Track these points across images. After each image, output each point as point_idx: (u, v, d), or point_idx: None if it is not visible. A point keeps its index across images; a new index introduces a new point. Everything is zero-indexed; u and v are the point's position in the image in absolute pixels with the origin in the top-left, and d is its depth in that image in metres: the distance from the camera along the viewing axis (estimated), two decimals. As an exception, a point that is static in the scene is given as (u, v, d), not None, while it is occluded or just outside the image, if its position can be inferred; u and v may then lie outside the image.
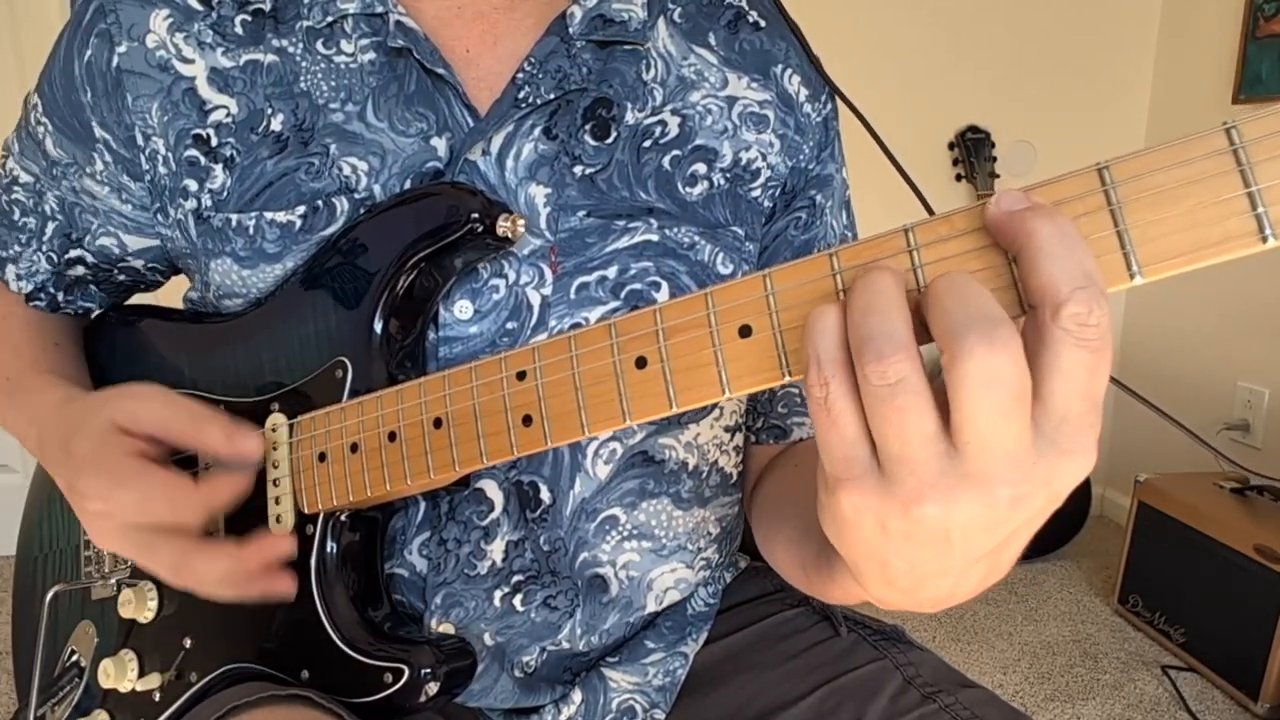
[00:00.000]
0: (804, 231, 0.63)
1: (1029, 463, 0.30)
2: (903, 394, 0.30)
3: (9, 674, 1.75)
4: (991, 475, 0.30)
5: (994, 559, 0.34)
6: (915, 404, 0.30)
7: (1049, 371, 0.29)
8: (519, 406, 0.42)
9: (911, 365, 0.30)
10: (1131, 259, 0.30)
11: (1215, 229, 0.29)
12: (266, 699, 0.49)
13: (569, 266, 0.54)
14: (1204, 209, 0.29)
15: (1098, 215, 0.31)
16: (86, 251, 0.62)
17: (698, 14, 0.61)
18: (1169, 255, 0.30)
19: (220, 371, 0.58)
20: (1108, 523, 2.41)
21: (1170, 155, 0.30)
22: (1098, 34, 2.24)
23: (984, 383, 0.28)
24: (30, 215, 0.62)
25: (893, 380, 0.30)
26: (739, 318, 0.36)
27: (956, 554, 0.33)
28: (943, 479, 0.30)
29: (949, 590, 0.36)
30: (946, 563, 0.33)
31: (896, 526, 0.32)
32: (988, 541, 0.32)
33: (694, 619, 0.65)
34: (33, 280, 0.64)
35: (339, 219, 0.53)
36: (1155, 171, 0.30)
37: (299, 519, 0.52)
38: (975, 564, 0.34)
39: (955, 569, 0.34)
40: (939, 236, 0.33)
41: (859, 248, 0.34)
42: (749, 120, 0.60)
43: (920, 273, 0.33)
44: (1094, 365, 0.29)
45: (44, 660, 0.64)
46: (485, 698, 0.58)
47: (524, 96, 0.54)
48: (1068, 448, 0.30)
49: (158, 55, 0.54)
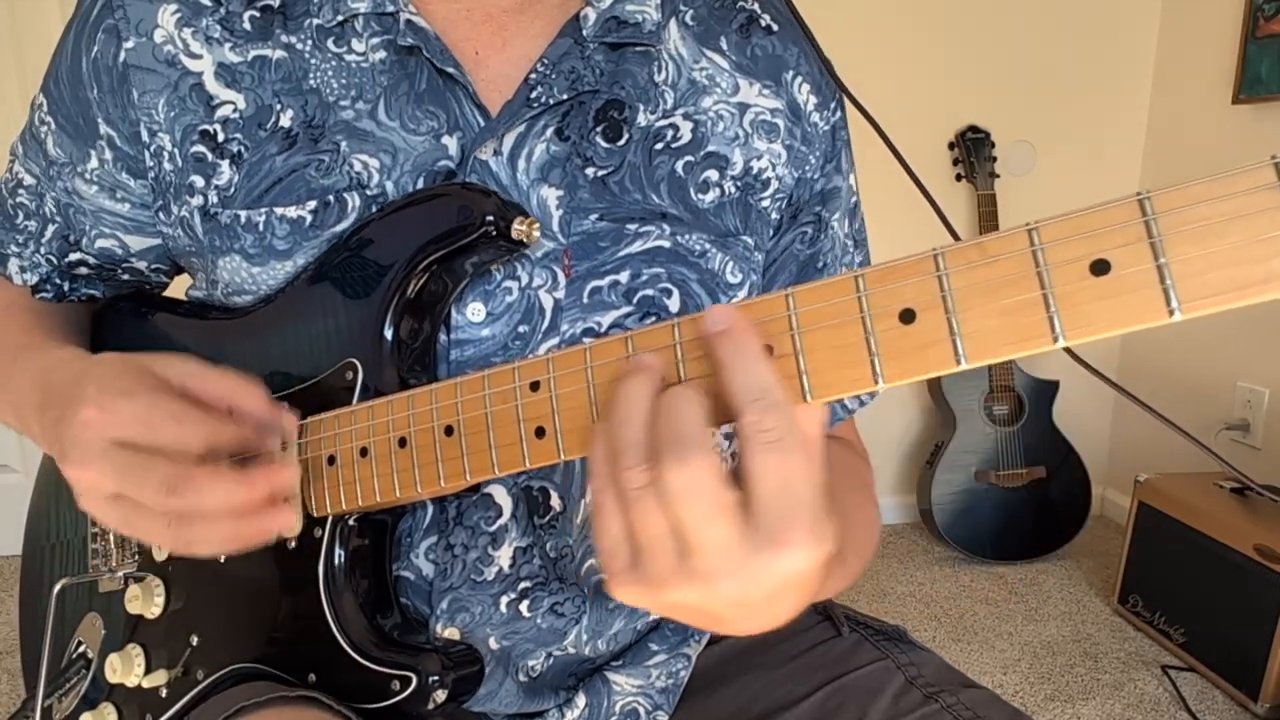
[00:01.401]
0: (809, 246, 0.63)
1: (741, 557, 0.34)
2: (648, 497, 0.34)
3: (10, 674, 1.75)
4: (711, 570, 0.34)
5: (770, 610, 0.38)
6: (657, 505, 0.34)
7: (747, 473, 0.34)
8: (532, 418, 0.41)
9: (649, 475, 0.34)
10: (1171, 295, 0.29)
11: (1260, 268, 0.28)
12: (275, 699, 0.49)
13: (581, 270, 0.54)
14: (1249, 246, 0.28)
15: (1137, 247, 0.29)
16: (86, 254, 0.62)
17: (709, 17, 0.60)
18: (1210, 293, 0.28)
19: (229, 367, 0.57)
20: (1108, 523, 2.41)
21: (1215, 189, 0.28)
22: (1098, 34, 2.24)
23: (680, 496, 0.33)
24: (32, 219, 0.62)
25: (639, 484, 0.34)
26: (761, 336, 0.35)
27: (725, 617, 0.37)
28: (677, 573, 0.35)
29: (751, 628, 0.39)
30: (722, 625, 0.38)
31: (656, 604, 0.37)
32: (743, 610, 0.36)
33: (696, 620, 0.66)
34: (36, 272, 0.64)
35: (350, 215, 0.53)
36: (1198, 204, 0.29)
37: (307, 521, 0.52)
38: (752, 617, 0.38)
39: (736, 624, 0.38)
40: (969, 262, 0.32)
41: (885, 271, 0.34)
42: (760, 128, 0.59)
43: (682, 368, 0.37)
44: (781, 464, 0.33)
45: (51, 651, 0.64)
46: (490, 702, 0.58)
47: (537, 96, 0.54)
48: (780, 539, 0.33)
49: (165, 50, 0.54)
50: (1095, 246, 0.30)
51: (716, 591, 0.34)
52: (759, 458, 0.33)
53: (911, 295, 0.33)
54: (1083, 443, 2.17)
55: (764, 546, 0.34)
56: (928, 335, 0.33)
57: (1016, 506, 2.15)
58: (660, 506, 0.34)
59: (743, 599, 0.35)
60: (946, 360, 0.33)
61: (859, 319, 0.34)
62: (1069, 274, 0.31)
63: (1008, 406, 2.15)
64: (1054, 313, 0.31)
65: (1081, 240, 0.30)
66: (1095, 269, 0.30)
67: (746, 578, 0.34)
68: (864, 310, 0.34)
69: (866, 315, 0.34)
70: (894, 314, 0.33)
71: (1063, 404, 2.16)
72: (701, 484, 0.33)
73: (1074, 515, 2.16)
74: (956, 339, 0.32)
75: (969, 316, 0.32)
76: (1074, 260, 0.30)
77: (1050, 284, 0.31)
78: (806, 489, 0.34)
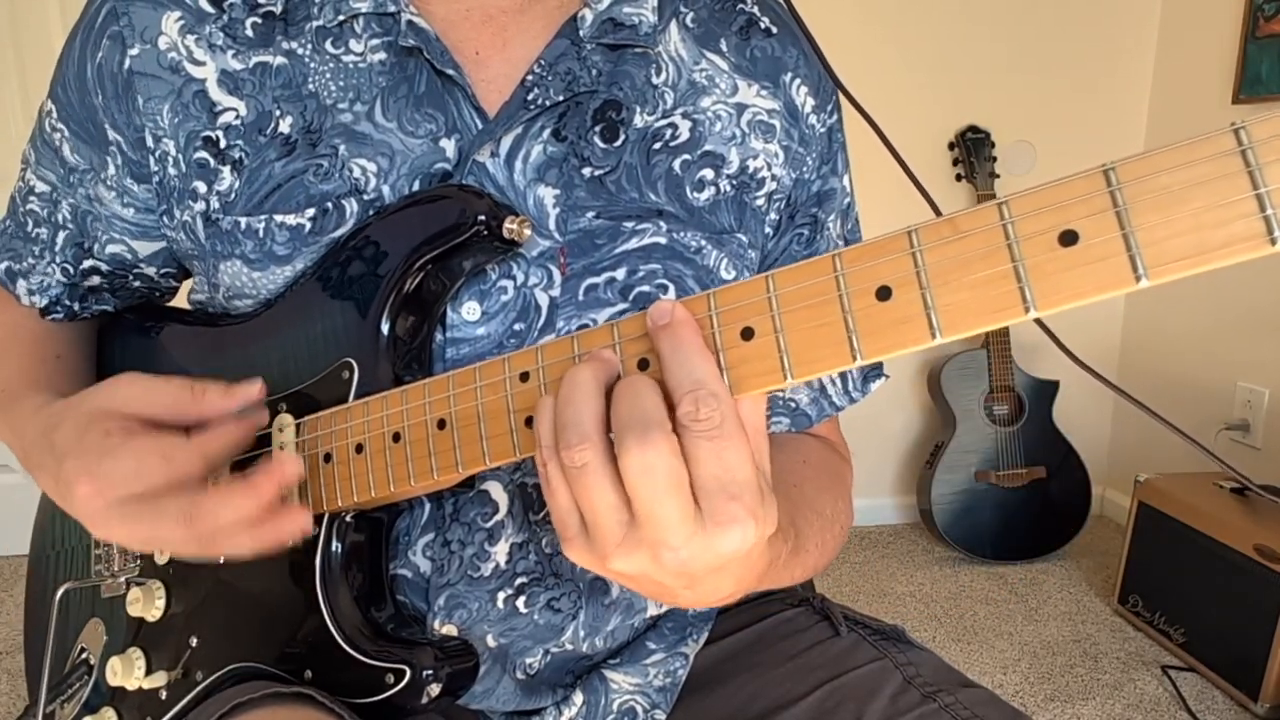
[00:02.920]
0: (806, 247, 0.64)
1: (689, 531, 0.36)
2: (587, 475, 0.37)
3: (9, 674, 1.76)
4: (659, 540, 0.37)
5: (714, 584, 0.41)
6: (597, 483, 0.37)
7: (689, 459, 0.36)
8: (522, 408, 0.42)
9: (594, 451, 0.37)
10: (1138, 261, 0.30)
11: (1223, 231, 0.29)
12: (270, 697, 0.49)
13: (577, 268, 0.54)
14: (1211, 211, 0.29)
15: (1103, 217, 0.30)
16: (99, 261, 0.62)
17: (709, 19, 0.61)
18: (1176, 258, 0.29)
19: (229, 372, 0.57)
20: (1108, 523, 2.41)
21: (1177, 156, 0.29)
22: (1098, 34, 2.24)
23: (640, 473, 0.36)
24: (43, 226, 0.62)
25: (579, 464, 0.37)
26: (741, 319, 0.36)
27: (670, 586, 0.40)
28: (624, 542, 0.38)
29: (696, 601, 0.42)
30: (666, 594, 0.41)
31: (604, 570, 0.39)
32: (685, 580, 0.39)
33: (694, 619, 0.66)
34: (46, 295, 0.63)
35: (349, 221, 0.53)
36: (1162, 173, 0.29)
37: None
38: (695, 588, 0.40)
39: (680, 596, 0.41)
40: (942, 238, 0.33)
41: (861, 249, 0.35)
42: (757, 128, 0.60)
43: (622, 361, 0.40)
44: (718, 450, 0.36)
45: (54, 657, 0.64)
46: (487, 699, 0.58)
47: (533, 98, 0.54)
48: (720, 519, 0.36)
49: (169, 57, 0.54)
50: (1063, 218, 0.31)
51: (661, 561, 0.37)
52: (698, 443, 0.36)
53: (887, 272, 0.34)
54: (1083, 443, 2.17)
55: (706, 524, 0.36)
56: (903, 311, 0.34)
57: (1016, 506, 2.15)
58: (608, 483, 0.37)
59: (685, 570, 0.37)
60: (922, 334, 0.33)
61: (836, 297, 0.35)
62: (1038, 245, 0.31)
63: (1008, 406, 2.15)
64: (1025, 284, 0.31)
65: (1050, 212, 0.31)
66: (1064, 240, 0.31)
67: (690, 551, 0.36)
68: (841, 289, 0.35)
69: (844, 294, 0.35)
70: (870, 291, 0.34)
71: (1063, 404, 2.16)
72: (663, 462, 0.35)
73: (1074, 515, 2.16)
74: (931, 313, 0.33)
75: (943, 291, 0.33)
76: (1043, 232, 0.31)
77: (1020, 256, 0.32)
78: (745, 473, 0.36)
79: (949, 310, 0.33)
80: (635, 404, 0.37)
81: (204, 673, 0.56)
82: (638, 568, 0.38)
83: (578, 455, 0.37)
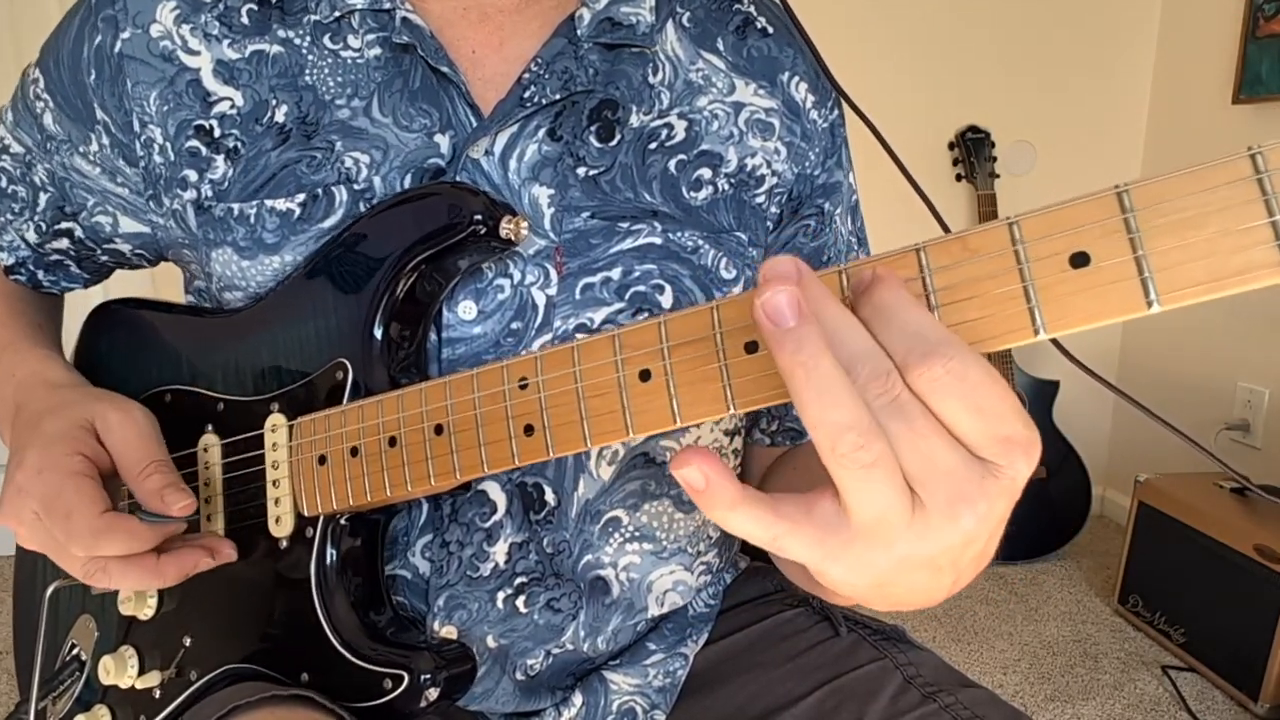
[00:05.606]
0: (813, 239, 0.63)
1: (974, 479, 0.30)
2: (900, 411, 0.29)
3: (9, 674, 1.75)
4: (950, 500, 0.30)
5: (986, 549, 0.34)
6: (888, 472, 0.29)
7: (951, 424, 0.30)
8: (521, 416, 0.42)
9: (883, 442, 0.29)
10: (1150, 286, 0.29)
11: (1237, 258, 0.28)
12: (268, 699, 0.49)
13: (573, 267, 0.54)
14: (1226, 237, 0.28)
15: (1116, 240, 0.30)
16: (78, 225, 0.62)
17: (706, 19, 0.61)
18: (1188, 284, 0.29)
19: (220, 367, 0.57)
20: (1108, 523, 2.41)
21: (1192, 182, 0.29)
22: (1098, 34, 2.24)
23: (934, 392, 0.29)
24: (19, 184, 0.63)
25: (892, 395, 0.29)
26: (746, 333, 0.35)
27: (945, 568, 0.33)
28: (912, 528, 0.30)
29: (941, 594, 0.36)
30: (937, 580, 0.34)
31: (890, 569, 0.32)
32: (971, 550, 0.32)
33: (694, 620, 0.65)
34: (14, 254, 0.64)
35: (338, 209, 0.53)
36: (1176, 197, 0.29)
37: (298, 521, 0.52)
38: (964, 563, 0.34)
39: (947, 579, 0.34)
40: (952, 256, 0.32)
41: (868, 265, 0.34)
42: (755, 127, 0.60)
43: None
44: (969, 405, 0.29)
45: (44, 654, 0.63)
46: (486, 701, 0.58)
47: (529, 96, 0.54)
48: (994, 464, 0.30)
49: (161, 45, 0.54)
50: (1075, 240, 0.30)
51: (960, 528, 0.30)
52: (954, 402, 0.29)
53: None
54: (1083, 443, 2.16)
55: (984, 470, 0.30)
56: None
57: (1016, 506, 2.13)
58: (896, 466, 0.29)
59: (978, 533, 0.31)
60: None
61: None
62: (1049, 267, 0.31)
63: (1007, 406, 2.14)
64: (1035, 305, 0.31)
65: (1061, 235, 0.31)
66: (1075, 262, 0.30)
67: (988, 500, 0.30)
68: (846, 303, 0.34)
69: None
70: None
71: (1063, 404, 2.16)
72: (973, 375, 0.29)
73: (1074, 515, 2.16)
74: None
75: (951, 310, 0.32)
76: (1054, 254, 0.31)
77: (1031, 277, 0.31)
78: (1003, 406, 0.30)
79: (957, 330, 0.32)
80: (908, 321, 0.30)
81: (198, 672, 0.56)
82: (932, 548, 0.31)
83: (867, 453, 0.29)
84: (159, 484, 0.51)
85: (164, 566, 0.51)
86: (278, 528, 0.52)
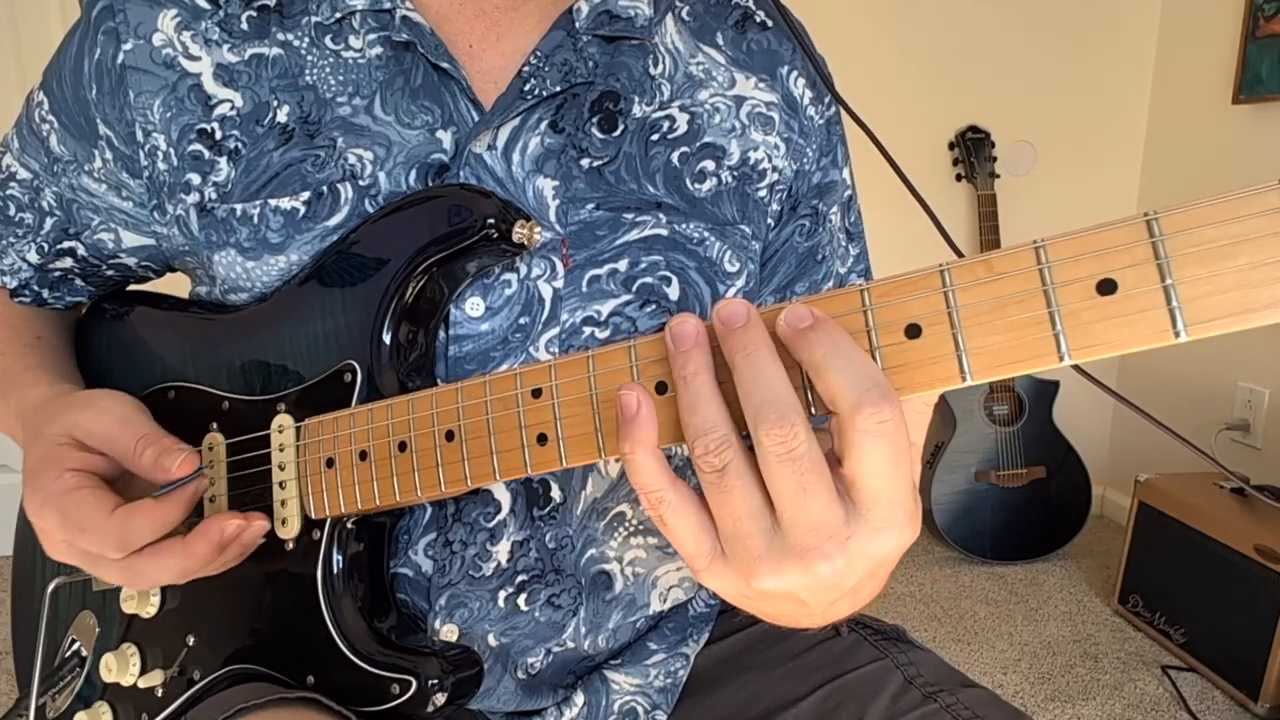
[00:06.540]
0: (808, 238, 0.64)
1: (841, 537, 0.33)
2: (729, 476, 0.33)
3: (10, 674, 1.75)
4: (807, 547, 0.33)
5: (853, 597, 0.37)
6: (741, 484, 0.33)
7: (857, 466, 0.32)
8: (534, 424, 0.41)
9: (735, 450, 0.34)
10: (1178, 316, 0.29)
11: (1267, 291, 0.28)
12: (274, 701, 0.49)
13: (580, 259, 0.54)
14: (1257, 269, 0.28)
15: (1144, 268, 0.29)
16: (80, 243, 0.62)
17: (705, 13, 0.61)
18: (1217, 315, 0.28)
19: (225, 367, 0.57)
20: (1108, 523, 2.41)
21: (1223, 211, 0.28)
22: (1098, 34, 2.24)
23: (782, 460, 0.32)
24: (26, 211, 0.63)
25: (720, 465, 0.34)
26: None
27: (812, 604, 0.36)
28: (769, 553, 0.34)
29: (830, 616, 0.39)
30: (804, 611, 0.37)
31: (750, 593, 0.35)
32: (833, 595, 0.36)
33: (695, 620, 0.66)
34: (16, 277, 0.64)
35: (343, 206, 0.53)
36: (1206, 226, 0.29)
37: (305, 523, 0.52)
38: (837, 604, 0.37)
39: (817, 613, 0.37)
40: (976, 278, 0.32)
41: (892, 285, 0.34)
42: (757, 120, 0.60)
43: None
44: (894, 454, 0.32)
45: (45, 651, 0.63)
46: (487, 700, 0.58)
47: (530, 89, 0.54)
48: (879, 525, 0.33)
49: (164, 53, 0.55)
50: (1102, 266, 0.30)
51: (815, 573, 0.33)
52: (876, 446, 0.32)
53: (918, 310, 0.33)
54: (1083, 443, 2.17)
55: (862, 529, 0.33)
56: (933, 351, 0.33)
57: (1016, 506, 2.15)
58: (753, 483, 0.33)
59: (838, 583, 0.34)
60: (952, 376, 0.33)
61: (864, 332, 0.34)
62: (1075, 293, 0.30)
63: (1008, 406, 2.15)
64: (1060, 331, 0.31)
65: (1088, 259, 0.30)
66: (1102, 288, 0.30)
67: (848, 558, 0.33)
68: (869, 324, 0.34)
69: (872, 329, 0.34)
70: (900, 328, 0.33)
71: (1063, 404, 2.16)
72: (804, 448, 0.32)
73: (1074, 515, 2.16)
74: (962, 355, 0.32)
75: (975, 333, 0.32)
76: (1080, 279, 0.30)
77: (1056, 302, 0.31)
78: (909, 471, 0.33)
79: (980, 353, 0.32)
80: (767, 389, 0.33)
81: (201, 672, 0.56)
82: (789, 584, 0.34)
83: (717, 458, 0.33)
84: (153, 456, 0.50)
85: (192, 544, 0.49)
86: (284, 529, 0.52)
